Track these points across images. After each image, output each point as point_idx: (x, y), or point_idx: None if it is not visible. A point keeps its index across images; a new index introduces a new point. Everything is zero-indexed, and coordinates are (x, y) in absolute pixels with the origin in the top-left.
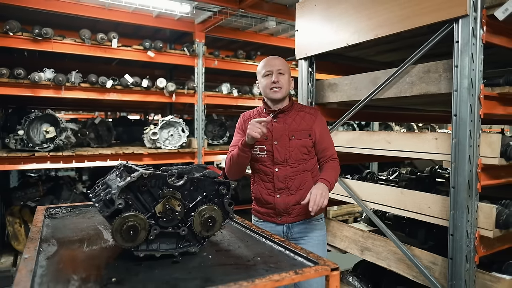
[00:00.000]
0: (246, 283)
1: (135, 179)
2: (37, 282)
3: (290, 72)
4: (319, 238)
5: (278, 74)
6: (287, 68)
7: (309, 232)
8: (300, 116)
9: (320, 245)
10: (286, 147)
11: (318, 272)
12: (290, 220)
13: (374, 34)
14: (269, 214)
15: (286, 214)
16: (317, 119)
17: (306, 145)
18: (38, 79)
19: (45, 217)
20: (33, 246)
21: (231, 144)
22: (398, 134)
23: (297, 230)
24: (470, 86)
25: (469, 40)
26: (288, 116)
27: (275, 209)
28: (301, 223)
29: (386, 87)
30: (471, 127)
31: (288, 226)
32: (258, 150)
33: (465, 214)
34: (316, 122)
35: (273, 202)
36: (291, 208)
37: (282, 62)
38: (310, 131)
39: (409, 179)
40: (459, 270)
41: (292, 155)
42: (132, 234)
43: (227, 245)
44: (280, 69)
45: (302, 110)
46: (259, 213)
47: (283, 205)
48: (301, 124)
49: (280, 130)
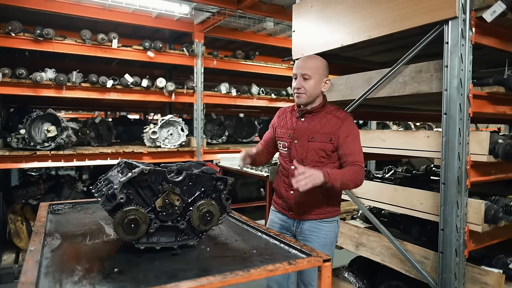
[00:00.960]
0: (242, 273)
1: (136, 175)
2: (43, 272)
3: (324, 73)
4: (326, 239)
5: (303, 78)
6: (317, 70)
7: (318, 232)
8: (326, 119)
9: (327, 246)
10: (304, 147)
11: (311, 263)
12: (301, 217)
13: (368, 35)
14: (283, 206)
15: (297, 210)
16: (344, 124)
17: (325, 148)
18: (39, 79)
19: (48, 213)
20: (38, 240)
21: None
22: (392, 133)
23: (307, 227)
24: (459, 86)
25: (459, 41)
26: (315, 117)
27: (287, 203)
28: (312, 221)
29: (380, 86)
30: (460, 125)
31: (298, 222)
32: (282, 146)
33: (454, 209)
34: (342, 127)
35: (286, 197)
36: (303, 206)
37: (312, 64)
38: (332, 135)
39: (404, 177)
40: (449, 263)
41: (309, 156)
42: (133, 227)
43: (225, 238)
44: (306, 73)
45: (331, 113)
46: (276, 203)
47: (294, 202)
48: (325, 127)
49: (302, 130)
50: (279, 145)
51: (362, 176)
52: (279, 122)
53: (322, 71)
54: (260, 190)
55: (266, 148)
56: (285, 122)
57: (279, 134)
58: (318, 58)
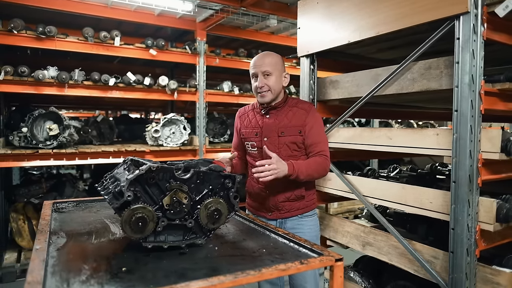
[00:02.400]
0: (253, 272)
1: (143, 172)
2: (50, 271)
3: (282, 68)
4: (311, 233)
5: (264, 76)
6: (276, 65)
7: (301, 227)
8: (292, 112)
9: (313, 240)
10: (275, 143)
11: (323, 262)
12: (281, 215)
13: (375, 32)
14: (260, 208)
15: (276, 210)
16: (309, 115)
17: (296, 141)
18: (42, 77)
19: (53, 211)
20: (43, 238)
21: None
22: (399, 130)
23: (290, 225)
24: (471, 82)
25: (470, 36)
26: (280, 112)
27: (265, 205)
28: (293, 218)
29: (388, 83)
30: (471, 122)
31: (280, 222)
32: (250, 146)
33: (466, 208)
34: (308, 118)
35: (262, 198)
36: (281, 204)
37: (270, 60)
38: (301, 127)
39: (410, 175)
40: (460, 263)
41: (281, 152)
42: (140, 225)
43: (232, 237)
44: (266, 70)
45: (296, 105)
46: (251, 207)
47: (272, 201)
48: (293, 120)
49: (270, 126)
50: (246, 146)
51: (327, 167)
52: (242, 122)
53: (281, 66)
54: None
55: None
56: (249, 121)
57: (245, 135)
58: (273, 54)
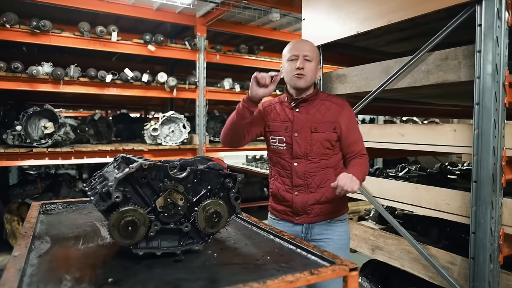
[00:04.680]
0: (257, 285)
1: (134, 170)
2: (26, 282)
3: (319, 59)
4: (341, 241)
5: (304, 60)
6: (316, 55)
7: (330, 233)
8: (325, 106)
9: (343, 249)
10: (307, 140)
11: (336, 272)
12: (310, 220)
13: (387, 20)
14: (286, 212)
15: (304, 213)
16: (344, 111)
17: (330, 138)
18: (36, 73)
19: (40, 213)
20: (24, 243)
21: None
22: (412, 126)
23: (317, 231)
24: (494, 72)
25: (494, 22)
26: (311, 106)
27: (292, 208)
28: (322, 223)
29: (400, 76)
30: (495, 116)
31: (307, 227)
32: (277, 141)
33: (488, 211)
34: (343, 114)
35: (290, 200)
36: (310, 208)
37: (311, 47)
38: (335, 123)
39: (420, 175)
40: (482, 270)
41: (314, 149)
42: (130, 230)
43: (233, 242)
44: (307, 55)
45: (328, 100)
46: (275, 210)
47: (301, 204)
48: (326, 115)
49: (302, 121)
50: (272, 141)
51: (368, 166)
52: (268, 114)
53: (318, 57)
54: (263, 190)
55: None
56: (276, 114)
57: (272, 128)
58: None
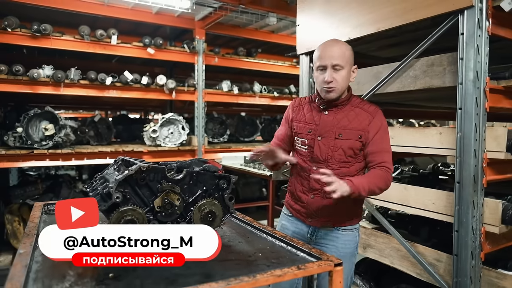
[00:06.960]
0: (247, 278)
1: (133, 172)
2: (32, 278)
3: (352, 60)
4: (345, 249)
5: (334, 70)
6: (347, 58)
7: (335, 241)
8: (354, 112)
9: (346, 257)
10: (329, 145)
11: (322, 267)
12: (318, 223)
13: (376, 28)
14: (300, 212)
15: (316, 217)
16: (374, 119)
17: (354, 147)
18: (37, 76)
19: (43, 213)
20: (29, 242)
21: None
22: (401, 129)
23: (323, 235)
24: (475, 79)
25: (475, 31)
26: (340, 111)
27: (307, 209)
28: (328, 229)
29: (389, 81)
30: (476, 120)
31: (314, 229)
32: (300, 143)
33: (470, 210)
34: (373, 123)
35: (305, 202)
36: (321, 211)
37: (341, 51)
38: (362, 131)
39: (412, 176)
40: (464, 266)
41: (335, 156)
42: None
43: (228, 240)
44: (337, 63)
45: (359, 106)
46: (291, 207)
47: (315, 208)
48: (354, 122)
49: (328, 125)
50: (296, 142)
51: (389, 181)
52: (295, 114)
53: (351, 59)
54: (262, 190)
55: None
56: (303, 114)
57: (296, 129)
58: (343, 42)
